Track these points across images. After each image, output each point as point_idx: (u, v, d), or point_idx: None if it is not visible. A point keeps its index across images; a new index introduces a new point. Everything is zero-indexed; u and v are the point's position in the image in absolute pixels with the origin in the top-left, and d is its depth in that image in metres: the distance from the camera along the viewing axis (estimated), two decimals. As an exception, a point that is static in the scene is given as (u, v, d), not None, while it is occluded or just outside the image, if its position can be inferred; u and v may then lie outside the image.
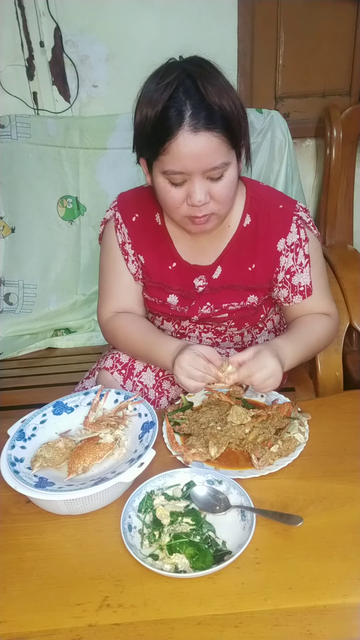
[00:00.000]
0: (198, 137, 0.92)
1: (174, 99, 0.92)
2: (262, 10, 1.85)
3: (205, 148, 0.92)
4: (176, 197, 0.99)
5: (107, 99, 1.94)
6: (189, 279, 1.16)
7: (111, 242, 1.19)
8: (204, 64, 0.97)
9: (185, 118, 0.91)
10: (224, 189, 0.99)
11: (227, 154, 0.96)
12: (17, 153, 1.90)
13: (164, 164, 0.96)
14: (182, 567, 0.74)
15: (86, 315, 1.99)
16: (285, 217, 1.12)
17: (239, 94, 0.98)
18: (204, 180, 0.96)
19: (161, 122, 0.93)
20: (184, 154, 0.93)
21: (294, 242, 1.12)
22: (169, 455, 0.95)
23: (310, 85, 1.98)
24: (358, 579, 0.72)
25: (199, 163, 0.94)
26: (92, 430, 0.96)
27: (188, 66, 0.95)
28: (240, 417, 0.99)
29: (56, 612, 0.70)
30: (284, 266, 1.14)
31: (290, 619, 0.68)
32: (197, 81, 0.92)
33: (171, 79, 0.93)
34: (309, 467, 0.91)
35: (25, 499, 0.87)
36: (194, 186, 0.96)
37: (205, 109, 0.91)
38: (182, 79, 0.93)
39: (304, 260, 1.13)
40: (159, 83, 0.94)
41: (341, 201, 1.97)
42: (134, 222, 1.16)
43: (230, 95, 0.94)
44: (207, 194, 0.98)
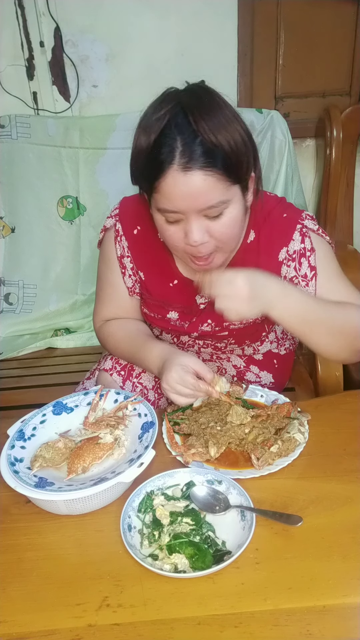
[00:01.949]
0: (188, 176, 0.85)
1: (165, 134, 0.86)
2: (262, 10, 1.86)
3: (198, 187, 0.86)
4: (174, 235, 0.95)
5: (107, 99, 1.94)
6: (191, 295, 1.14)
7: (109, 253, 1.17)
8: (204, 96, 0.89)
9: (176, 156, 0.85)
10: (224, 228, 0.93)
11: (226, 192, 0.89)
12: (17, 153, 1.90)
13: (157, 201, 0.92)
14: (182, 567, 0.74)
15: (86, 315, 1.99)
16: (289, 225, 1.06)
17: (243, 124, 0.91)
18: (200, 218, 0.90)
19: (152, 158, 0.88)
20: (174, 194, 0.88)
21: (296, 250, 1.06)
22: (168, 455, 0.95)
23: (310, 85, 1.98)
24: (358, 579, 0.72)
25: (192, 203, 0.88)
26: (92, 431, 0.96)
27: (185, 98, 0.88)
28: (240, 417, 0.99)
29: (56, 612, 0.70)
30: (286, 276, 1.08)
31: (290, 619, 0.68)
32: (189, 116, 0.85)
33: (164, 111, 0.87)
34: (309, 467, 0.91)
35: (25, 499, 0.87)
36: (190, 226, 0.91)
37: (198, 146, 0.85)
38: (175, 112, 0.87)
39: (309, 272, 1.05)
40: (154, 113, 0.88)
41: (341, 201, 1.97)
42: (136, 235, 1.13)
43: (228, 130, 0.87)
44: (206, 233, 0.92)
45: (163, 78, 2.04)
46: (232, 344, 1.21)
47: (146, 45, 1.86)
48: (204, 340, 1.21)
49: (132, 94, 1.89)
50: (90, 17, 1.82)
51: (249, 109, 1.88)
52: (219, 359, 1.26)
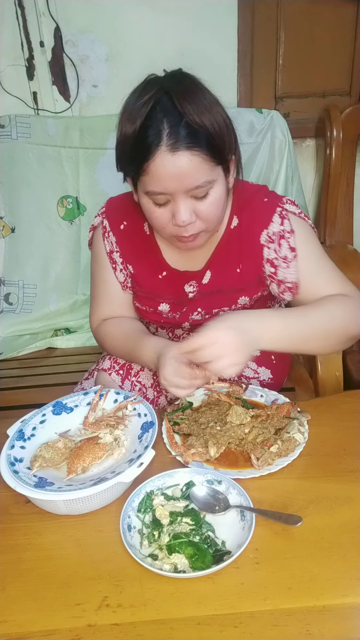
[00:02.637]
0: (177, 156, 0.88)
1: (151, 118, 0.89)
2: (262, 10, 1.85)
3: (186, 168, 0.89)
4: (161, 217, 0.97)
5: (107, 99, 1.94)
6: (180, 286, 1.16)
7: (99, 250, 1.18)
8: (184, 80, 0.93)
9: (163, 138, 0.88)
10: (210, 208, 0.96)
11: (211, 172, 0.93)
12: (17, 153, 1.90)
13: (145, 184, 0.94)
14: (182, 567, 0.74)
15: (86, 315, 1.98)
16: (269, 208, 1.07)
17: (223, 109, 0.94)
18: (188, 199, 0.93)
19: (139, 142, 0.90)
20: (163, 175, 0.90)
21: (275, 231, 1.06)
22: (168, 455, 0.95)
23: (310, 85, 1.98)
24: (358, 579, 0.72)
25: (180, 183, 0.91)
26: (92, 430, 0.96)
27: (167, 83, 0.91)
28: (240, 417, 0.99)
29: (55, 612, 0.70)
30: (268, 258, 1.08)
31: (289, 619, 0.68)
32: (174, 98, 0.89)
33: (149, 96, 0.90)
34: (309, 467, 0.91)
35: (25, 499, 0.87)
36: (177, 206, 0.93)
37: (183, 127, 0.88)
38: (159, 96, 0.90)
39: (289, 253, 1.05)
40: (137, 100, 0.91)
41: (341, 201, 1.97)
42: (122, 230, 1.15)
43: (211, 112, 0.90)
44: (193, 213, 0.95)
45: (163, 78, 2.02)
46: None
47: (146, 45, 1.86)
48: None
49: (132, 94, 1.88)
50: (90, 17, 1.82)
51: (249, 109, 1.88)
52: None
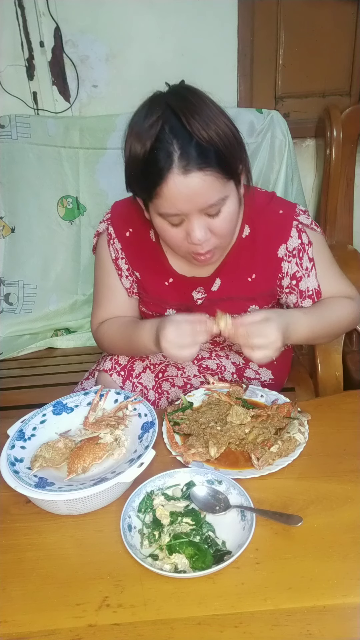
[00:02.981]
0: (189, 178, 0.88)
1: (160, 140, 0.88)
2: (262, 10, 1.86)
3: (198, 188, 0.89)
4: (176, 237, 0.97)
5: (107, 99, 1.94)
6: (187, 292, 1.16)
7: (104, 256, 1.18)
8: (189, 95, 0.91)
9: (175, 160, 0.87)
10: (224, 223, 0.96)
11: (224, 188, 0.92)
12: (17, 153, 1.90)
13: (158, 206, 0.94)
14: (182, 567, 0.74)
15: (86, 315, 1.99)
16: (285, 222, 1.09)
17: (229, 119, 0.93)
18: (202, 217, 0.93)
19: (150, 165, 0.89)
20: (176, 197, 0.90)
21: (295, 247, 1.10)
22: (168, 455, 0.95)
23: (310, 85, 1.98)
24: (358, 579, 0.72)
25: (193, 204, 0.91)
26: (92, 430, 0.96)
27: (173, 101, 0.90)
28: (240, 417, 0.99)
29: (56, 612, 0.70)
30: (288, 272, 1.11)
31: (290, 619, 0.68)
32: (181, 117, 0.87)
33: (156, 117, 0.88)
34: (309, 467, 0.91)
35: (25, 499, 0.87)
36: (192, 225, 0.93)
37: (194, 148, 0.87)
38: (167, 116, 0.88)
39: (309, 264, 1.11)
40: (144, 120, 0.90)
41: (341, 201, 1.97)
42: (128, 237, 1.14)
43: (217, 123, 0.89)
44: (207, 231, 0.95)
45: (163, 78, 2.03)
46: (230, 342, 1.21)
47: (146, 45, 1.86)
48: None
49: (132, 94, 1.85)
50: (90, 17, 1.82)
51: (249, 109, 1.88)
52: (217, 357, 1.26)
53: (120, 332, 1.16)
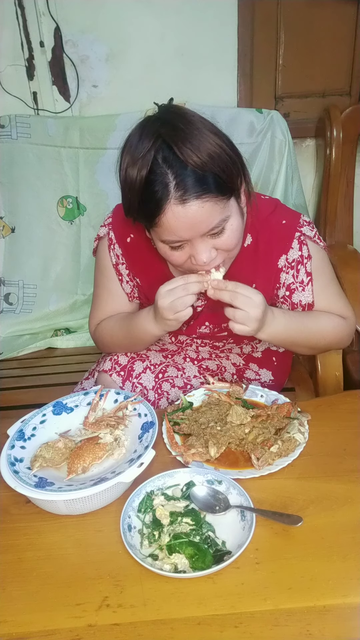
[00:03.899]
0: (187, 207, 0.87)
1: (155, 172, 0.87)
2: (262, 10, 1.85)
3: (198, 215, 0.88)
4: (179, 259, 0.97)
5: (107, 99, 1.94)
6: None
7: (105, 261, 1.18)
8: (178, 122, 0.88)
9: (171, 191, 0.87)
10: (229, 240, 0.96)
11: (224, 209, 0.92)
12: (17, 153, 1.90)
13: (159, 234, 0.94)
14: (182, 567, 0.74)
15: (86, 315, 1.97)
16: (288, 233, 1.09)
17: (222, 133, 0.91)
18: (205, 239, 0.93)
19: (147, 197, 0.89)
20: (176, 226, 0.90)
21: (294, 258, 1.09)
22: (168, 455, 0.95)
23: (310, 85, 1.98)
24: (358, 579, 0.72)
25: (194, 231, 0.91)
26: (92, 430, 0.96)
27: (163, 130, 0.88)
28: (240, 417, 0.99)
29: (56, 612, 0.70)
30: (284, 282, 1.12)
31: (290, 619, 0.68)
32: (173, 147, 0.86)
33: (149, 147, 0.87)
34: (309, 467, 0.91)
35: (25, 499, 0.86)
36: (196, 249, 0.93)
37: (189, 176, 0.86)
38: (159, 146, 0.87)
39: (305, 278, 1.10)
40: (137, 145, 0.88)
41: (341, 201, 1.97)
42: (129, 242, 1.14)
43: (209, 146, 0.87)
44: (212, 250, 0.95)
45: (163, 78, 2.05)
46: (231, 343, 1.21)
47: (146, 45, 1.86)
48: (202, 340, 1.21)
49: (132, 94, 1.89)
50: (90, 17, 1.82)
51: (249, 109, 1.88)
52: (217, 358, 1.26)
53: (119, 326, 1.16)
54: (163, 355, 1.24)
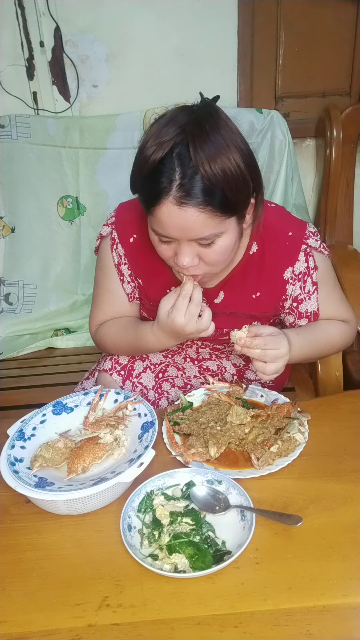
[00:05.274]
0: (182, 210, 0.86)
1: (165, 163, 0.86)
2: (262, 10, 1.85)
3: (190, 222, 0.87)
4: (166, 253, 0.97)
5: (107, 99, 1.94)
6: None
7: (107, 260, 1.17)
8: (205, 123, 0.86)
9: (173, 188, 0.85)
10: (215, 255, 0.94)
11: (220, 225, 0.90)
12: (17, 153, 1.90)
13: (152, 223, 0.94)
14: (182, 567, 0.74)
15: (86, 315, 1.97)
16: (294, 245, 1.08)
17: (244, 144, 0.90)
18: (192, 244, 0.92)
19: (150, 183, 0.88)
20: (167, 223, 0.89)
21: (301, 271, 1.09)
22: (168, 455, 0.95)
23: (310, 85, 1.98)
24: (358, 579, 0.72)
25: (183, 233, 0.90)
26: (92, 430, 0.96)
27: (189, 124, 0.86)
28: (240, 417, 0.99)
29: (56, 612, 0.70)
30: (291, 294, 1.12)
31: (290, 619, 0.68)
32: (190, 147, 0.84)
33: (170, 137, 0.85)
34: (309, 467, 0.91)
35: (25, 499, 0.86)
36: (180, 249, 0.93)
37: (195, 182, 0.85)
38: (178, 140, 0.85)
39: (311, 287, 1.11)
40: (161, 131, 0.87)
41: (341, 201, 1.97)
42: (132, 243, 1.13)
43: (225, 160, 0.85)
44: (195, 258, 0.94)
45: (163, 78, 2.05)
46: (231, 346, 1.21)
47: (146, 45, 1.86)
48: (203, 342, 1.21)
49: (132, 94, 1.89)
50: (90, 17, 1.82)
51: (249, 109, 1.88)
52: (218, 358, 1.26)
53: (123, 334, 1.16)
54: (163, 355, 1.24)
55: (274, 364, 0.97)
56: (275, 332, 0.99)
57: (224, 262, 1.00)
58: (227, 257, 0.99)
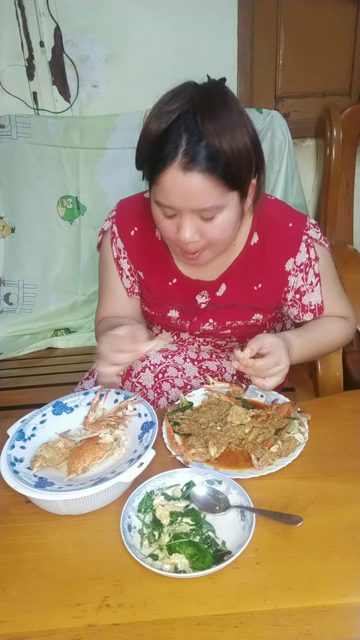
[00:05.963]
0: (187, 176, 0.87)
1: (171, 131, 0.87)
2: (262, 10, 1.86)
3: (194, 189, 0.88)
4: (167, 228, 0.97)
5: (107, 99, 1.94)
6: (191, 295, 1.15)
7: (107, 255, 1.18)
8: (215, 96, 0.89)
9: (178, 154, 0.86)
10: (216, 230, 0.95)
11: (222, 197, 0.91)
12: (17, 153, 1.90)
13: (155, 193, 0.94)
14: (182, 567, 0.74)
15: (86, 315, 1.99)
16: (295, 236, 1.09)
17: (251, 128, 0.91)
18: (194, 217, 0.92)
19: (156, 151, 0.89)
20: (171, 190, 0.89)
21: (303, 262, 1.10)
22: (168, 455, 0.95)
23: (310, 85, 1.98)
24: (358, 579, 0.72)
25: (186, 202, 0.90)
26: (92, 430, 0.96)
27: (197, 96, 0.88)
28: (240, 417, 0.99)
29: (56, 612, 0.70)
30: (294, 286, 1.12)
31: (290, 619, 0.68)
32: (197, 116, 0.86)
33: (176, 105, 0.87)
34: (309, 467, 0.91)
35: (25, 499, 0.87)
36: (182, 222, 0.93)
37: (201, 149, 0.86)
38: (185, 110, 0.87)
39: (314, 279, 1.11)
40: (166, 104, 0.89)
41: (341, 201, 1.97)
42: (133, 236, 1.14)
43: (234, 135, 0.87)
44: (197, 233, 0.94)
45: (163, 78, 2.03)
46: (234, 342, 1.21)
47: (146, 45, 1.86)
48: (205, 338, 1.21)
49: (132, 94, 1.88)
50: (90, 17, 1.82)
51: (249, 109, 1.87)
52: (218, 358, 1.26)
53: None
54: (163, 356, 1.24)
55: (274, 378, 0.97)
56: (276, 344, 0.97)
57: (224, 241, 1.00)
58: (227, 236, 0.99)
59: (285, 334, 1.05)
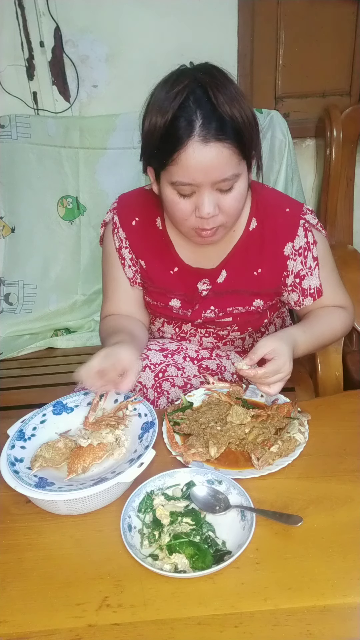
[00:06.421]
0: (208, 148, 0.90)
1: (184, 109, 0.90)
2: (262, 10, 1.85)
3: (216, 159, 0.91)
4: (184, 208, 0.98)
5: (107, 99, 1.94)
6: (192, 283, 1.16)
7: (109, 247, 1.19)
8: (216, 72, 0.94)
9: (196, 128, 0.89)
10: (233, 201, 0.97)
11: (238, 166, 0.94)
12: (17, 153, 1.90)
13: (172, 174, 0.95)
14: (182, 567, 0.74)
15: (86, 315, 1.99)
16: (292, 221, 1.11)
17: (250, 103, 0.96)
18: (213, 192, 0.95)
19: (171, 132, 0.91)
20: (193, 166, 0.91)
21: (301, 245, 1.11)
22: (168, 455, 0.95)
23: (310, 85, 1.98)
24: (358, 579, 0.72)
25: (208, 175, 0.92)
26: (92, 430, 0.96)
27: (199, 75, 0.92)
28: (240, 417, 0.99)
29: (56, 612, 0.70)
30: (293, 270, 1.13)
31: (290, 619, 0.68)
32: (208, 90, 0.90)
33: (181, 87, 0.91)
34: (309, 467, 0.91)
35: (25, 499, 0.87)
36: (202, 198, 0.95)
37: (216, 119, 0.90)
38: (193, 87, 0.91)
39: (312, 263, 1.13)
40: (169, 91, 0.92)
41: (341, 201, 1.97)
42: (134, 226, 1.15)
43: (241, 105, 0.92)
44: (216, 206, 0.96)
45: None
46: (235, 331, 1.21)
47: (146, 45, 1.86)
48: (206, 329, 1.22)
49: (132, 94, 1.87)
50: (90, 17, 1.82)
51: (248, 109, 1.88)
52: (218, 357, 1.26)
53: (105, 337, 1.16)
54: (163, 355, 1.24)
55: (278, 385, 0.98)
56: (278, 350, 0.96)
57: (238, 212, 1.03)
58: (241, 207, 1.02)
59: (290, 331, 1.06)
